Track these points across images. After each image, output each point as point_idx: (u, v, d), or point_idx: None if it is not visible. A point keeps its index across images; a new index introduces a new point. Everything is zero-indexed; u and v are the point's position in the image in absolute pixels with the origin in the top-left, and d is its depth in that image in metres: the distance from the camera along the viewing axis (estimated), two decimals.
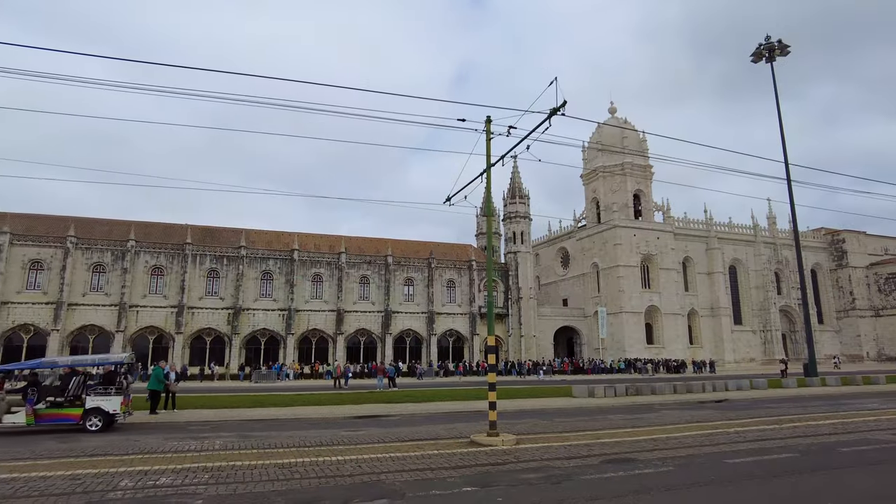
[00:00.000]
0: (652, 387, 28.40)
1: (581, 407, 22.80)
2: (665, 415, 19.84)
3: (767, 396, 27.34)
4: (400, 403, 23.53)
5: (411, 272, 73.01)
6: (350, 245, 73.64)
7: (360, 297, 70.56)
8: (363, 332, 69.72)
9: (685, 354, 74.98)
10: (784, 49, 43.35)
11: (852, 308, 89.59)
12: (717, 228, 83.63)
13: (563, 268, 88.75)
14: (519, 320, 75.00)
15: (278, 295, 67.33)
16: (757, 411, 20.84)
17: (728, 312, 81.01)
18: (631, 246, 76.44)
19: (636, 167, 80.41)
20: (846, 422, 17.45)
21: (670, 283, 77.66)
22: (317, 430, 16.16)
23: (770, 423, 16.80)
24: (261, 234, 73.48)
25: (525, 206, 79.45)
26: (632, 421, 17.88)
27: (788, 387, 32.13)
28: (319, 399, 25.21)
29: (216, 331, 64.02)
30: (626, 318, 74.16)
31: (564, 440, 13.58)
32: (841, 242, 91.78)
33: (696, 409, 21.79)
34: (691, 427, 15.98)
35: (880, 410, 21.03)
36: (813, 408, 22.15)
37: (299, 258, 68.58)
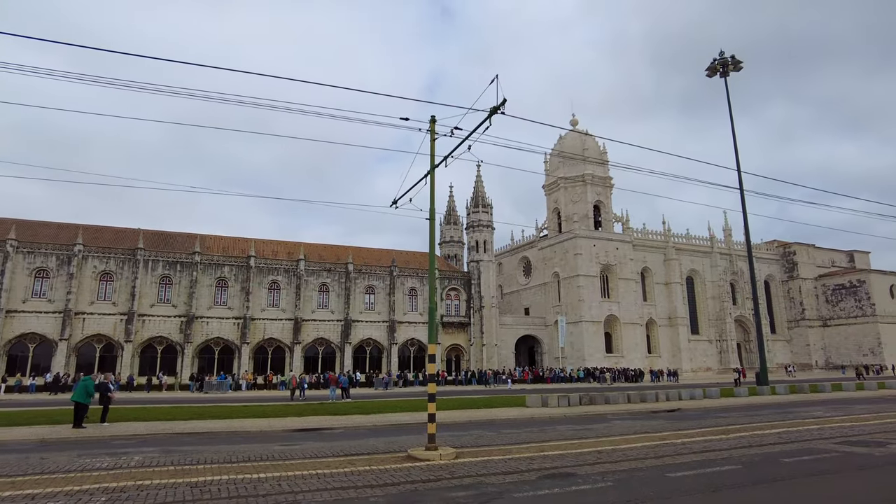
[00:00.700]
0: (606, 396, 28.24)
1: (533, 417, 22.37)
2: (615, 425, 19.56)
3: (719, 406, 27.47)
4: (347, 415, 22.66)
5: (372, 280, 71.92)
6: (309, 252, 72.17)
7: (318, 306, 69.08)
8: (322, 342, 68.21)
9: (644, 363, 75.86)
10: (737, 64, 44.41)
11: (802, 318, 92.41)
12: (674, 240, 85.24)
13: (525, 277, 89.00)
14: (481, 329, 74.67)
15: (233, 303, 65.36)
16: (707, 421, 20.78)
17: (685, 322, 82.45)
18: (591, 256, 77.16)
19: (597, 178, 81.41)
20: (791, 430, 17.46)
21: (629, 292, 78.64)
22: (249, 444, 15.25)
23: (717, 434, 16.64)
24: (216, 240, 71.41)
25: (488, 215, 79.49)
26: (580, 432, 17.51)
27: (740, 395, 32.48)
28: (264, 411, 24.13)
29: (168, 339, 61.67)
30: (585, 327, 74.66)
31: (507, 453, 13.05)
32: (792, 255, 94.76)
33: (647, 420, 21.61)
34: (639, 438, 15.68)
35: (824, 418, 21.23)
36: (761, 417, 22.24)
37: (256, 265, 66.80)
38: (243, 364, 63.25)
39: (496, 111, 12.83)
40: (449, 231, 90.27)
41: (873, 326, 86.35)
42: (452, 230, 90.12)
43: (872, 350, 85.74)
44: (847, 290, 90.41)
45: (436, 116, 14.45)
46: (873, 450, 13.85)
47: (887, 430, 17.39)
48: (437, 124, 14.43)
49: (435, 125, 14.42)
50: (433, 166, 14.71)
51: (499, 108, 12.72)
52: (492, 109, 12.83)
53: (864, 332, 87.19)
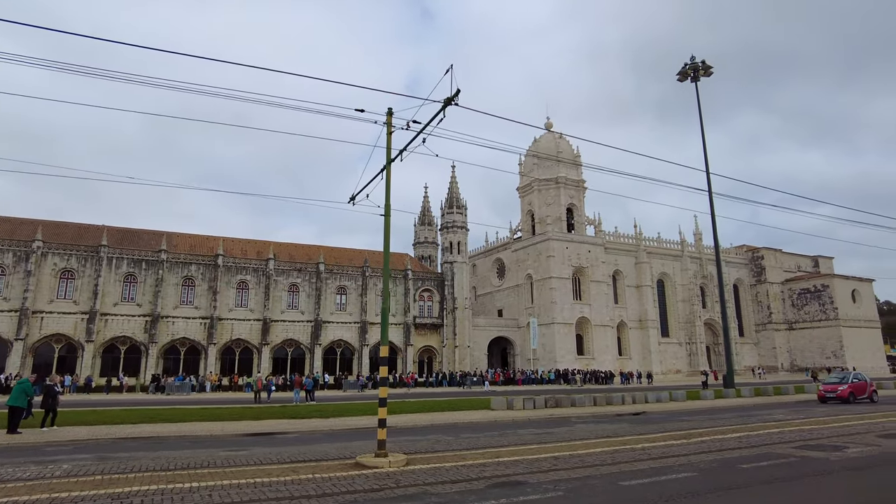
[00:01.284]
0: (572, 399, 28.01)
1: (496, 421, 21.99)
2: (578, 429, 19.28)
3: (684, 409, 27.46)
4: (305, 419, 21.98)
5: (344, 281, 71.00)
6: (280, 251, 70.92)
7: (288, 306, 67.91)
8: (291, 343, 67.05)
9: (614, 366, 76.31)
10: (707, 70, 44.73)
11: (769, 322, 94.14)
12: (645, 243, 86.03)
13: (498, 278, 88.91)
14: (454, 330, 74.25)
15: (200, 302, 63.85)
16: (670, 424, 20.64)
17: (656, 325, 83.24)
18: (563, 258, 77.38)
19: (570, 181, 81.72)
20: (752, 434, 17.36)
21: (601, 295, 79.06)
22: (195, 449, 14.53)
23: (679, 438, 16.44)
24: (184, 238, 69.75)
25: (462, 216, 79.15)
26: (541, 436, 17.16)
27: (706, 398, 32.61)
28: (220, 414, 23.29)
29: (132, 339, 59.95)
30: (557, 328, 74.78)
31: (460, 459, 12.59)
32: (760, 259, 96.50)
33: (610, 423, 21.40)
34: (599, 443, 15.38)
35: (785, 421, 21.28)
36: (724, 420, 22.22)
37: (224, 264, 65.39)
38: (210, 365, 61.81)
39: (450, 102, 12.39)
40: (423, 232, 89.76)
41: (836, 330, 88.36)
42: (427, 231, 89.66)
43: (835, 353, 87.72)
44: (812, 295, 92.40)
45: (393, 109, 13.95)
46: (829, 454, 13.75)
47: (844, 434, 17.41)
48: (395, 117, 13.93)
49: (392, 118, 13.91)
50: (389, 160, 14.20)
51: (453, 98, 12.29)
52: (446, 101, 12.39)
53: (828, 335, 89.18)
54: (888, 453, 14.10)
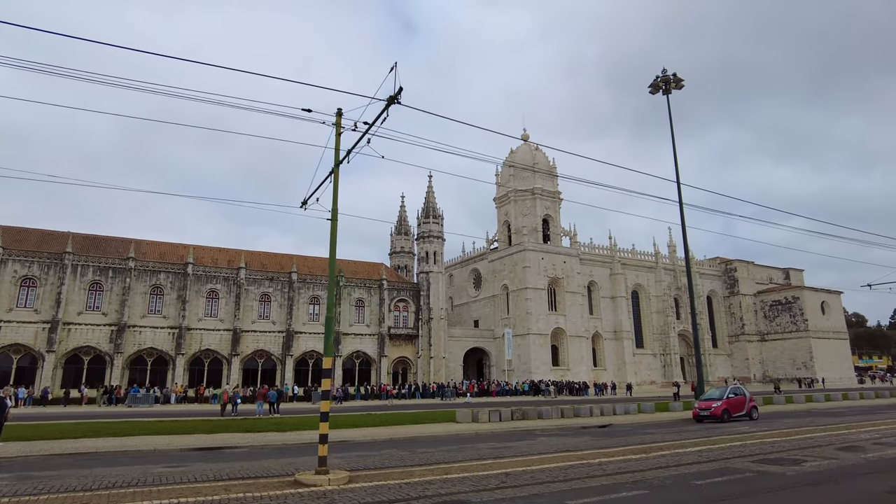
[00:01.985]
0: (539, 411, 27.59)
1: (458, 434, 21.46)
2: (539, 443, 18.85)
3: (651, 421, 27.22)
4: (261, 432, 21.21)
5: (317, 290, 69.99)
6: (252, 260, 69.72)
7: (259, 316, 66.66)
8: (262, 354, 65.75)
9: (589, 377, 76.25)
10: (679, 82, 45.04)
11: (742, 333, 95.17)
12: (620, 254, 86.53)
13: (475, 289, 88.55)
14: (429, 341, 73.54)
15: (169, 311, 62.34)
16: (633, 438, 20.33)
17: (630, 336, 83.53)
18: (539, 269, 77.36)
19: (546, 192, 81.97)
20: (713, 448, 17.11)
21: (576, 306, 79.14)
22: (130, 466, 13.76)
23: (638, 453, 16.09)
24: (153, 246, 68.20)
25: (439, 226, 78.69)
26: (499, 451, 16.68)
27: (675, 410, 32.44)
28: (172, 427, 22.37)
29: (96, 349, 58.19)
30: (532, 339, 74.55)
31: (407, 476, 12.05)
32: (733, 271, 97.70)
33: (573, 436, 21.02)
34: (556, 458, 14.96)
35: (749, 434, 21.12)
36: (689, 433, 21.99)
37: (194, 272, 64.06)
38: (178, 376, 60.28)
39: (393, 101, 12.01)
40: (399, 241, 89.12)
41: (806, 341, 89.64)
42: (403, 240, 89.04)
43: (805, 364, 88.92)
44: (783, 306, 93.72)
45: (342, 109, 13.49)
46: (787, 468, 13.52)
47: (804, 447, 17.25)
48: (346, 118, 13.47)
49: (341, 118, 13.45)
50: (337, 162, 13.72)
51: (396, 97, 11.92)
52: (389, 99, 12.00)
53: (798, 346, 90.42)
54: (846, 466, 13.93)
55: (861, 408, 35.81)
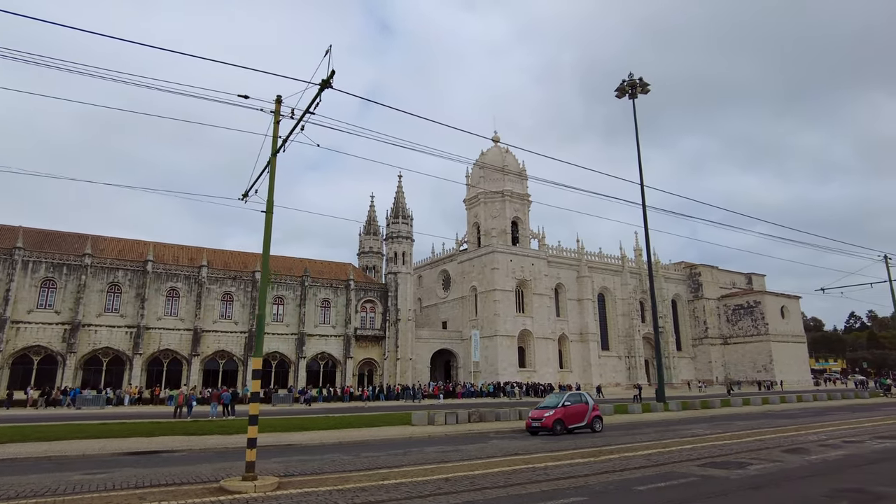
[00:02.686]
0: (497, 413, 27.31)
1: (411, 437, 21.01)
2: (491, 446, 18.54)
3: (608, 423, 27.11)
4: (205, 435, 20.42)
5: (282, 290, 68.70)
6: (214, 258, 68.12)
7: (221, 316, 65.12)
8: (223, 354, 64.23)
9: (555, 378, 76.55)
10: (644, 87, 45.45)
11: (706, 336, 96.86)
12: (587, 257, 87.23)
13: (444, 290, 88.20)
14: (396, 343, 72.82)
15: (127, 310, 60.42)
16: (585, 440, 20.18)
17: (596, 338, 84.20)
18: (507, 271, 77.42)
19: (515, 194, 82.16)
20: (663, 452, 17.02)
21: (543, 308, 79.42)
22: (47, 473, 12.96)
23: (587, 457, 15.89)
24: (111, 242, 66.10)
25: (408, 226, 78.02)
26: (447, 454, 16.30)
27: (633, 413, 32.55)
28: (111, 430, 21.39)
29: (47, 349, 55.99)
30: (500, 341, 74.50)
31: (342, 483, 11.57)
32: (698, 276, 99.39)
33: (526, 439, 20.78)
34: (503, 462, 14.63)
35: (702, 436, 21.17)
36: (643, 435, 21.95)
37: (154, 270, 62.24)
38: (135, 377, 58.42)
39: (326, 85, 11.53)
40: (368, 241, 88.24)
41: (766, 345, 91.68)
42: (372, 241, 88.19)
43: (765, 367, 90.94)
44: (745, 311, 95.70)
45: (282, 97, 12.93)
46: (731, 472, 13.45)
47: (753, 450, 17.31)
48: (287, 105, 12.91)
49: (281, 105, 12.87)
50: (275, 151, 13.14)
51: (328, 80, 11.46)
52: (322, 83, 11.53)
53: (759, 349, 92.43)
54: (789, 469, 13.93)
55: (813, 409, 36.55)
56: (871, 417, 29.88)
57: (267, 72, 12.34)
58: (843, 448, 17.81)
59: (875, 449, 17.63)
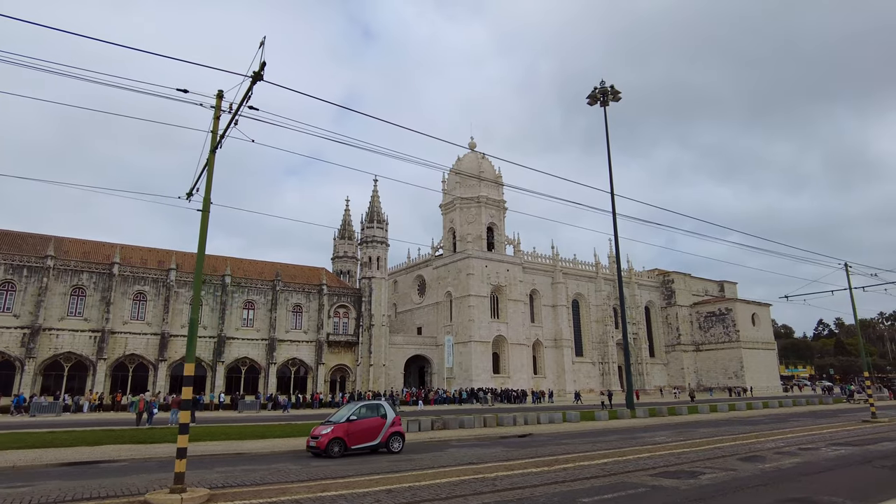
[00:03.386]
0: (461, 420, 26.97)
1: None
2: (447, 454, 18.19)
3: (573, 430, 27.01)
4: (154, 444, 19.70)
5: (253, 294, 67.55)
6: (184, 262, 66.67)
7: None
8: None
9: (530, 384, 76.51)
10: (616, 95, 45.89)
11: (678, 343, 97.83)
12: (562, 264, 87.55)
13: (419, 296, 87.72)
14: (369, 349, 72.02)
15: (91, 314, 58.80)
16: (545, 449, 19.93)
17: (570, 344, 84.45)
18: (482, 276, 77.29)
19: (491, 200, 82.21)
20: (619, 460, 16.85)
21: (517, 314, 79.42)
22: None
23: (541, 466, 15.64)
24: (76, 244, 64.34)
25: (383, 230, 77.37)
26: (398, 464, 15.91)
27: (600, 419, 32.45)
28: (51, 440, 20.49)
29: (5, 354, 54.25)
30: (474, 347, 74.22)
31: (279, 494, 11.13)
32: (671, 283, 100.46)
33: (487, 447, 20.48)
34: (452, 472, 14.28)
35: (662, 444, 21.07)
36: (603, 443, 21.79)
37: (120, 273, 60.70)
38: (98, 383, 56.81)
39: (258, 78, 11.15)
40: (343, 246, 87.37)
41: (737, 351, 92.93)
42: (347, 245, 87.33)
43: (736, 373, 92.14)
44: (717, 318, 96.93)
45: (223, 91, 12.48)
46: (682, 482, 13.28)
47: (709, 458, 17.22)
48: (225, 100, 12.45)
49: (222, 101, 12.43)
50: (214, 147, 12.64)
51: (260, 73, 11.07)
52: (254, 75, 11.14)
53: (730, 356, 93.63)
54: (741, 478, 13.83)
55: (777, 416, 36.91)
56: (831, 424, 30.22)
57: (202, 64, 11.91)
58: (798, 455, 17.84)
59: (828, 457, 17.69)
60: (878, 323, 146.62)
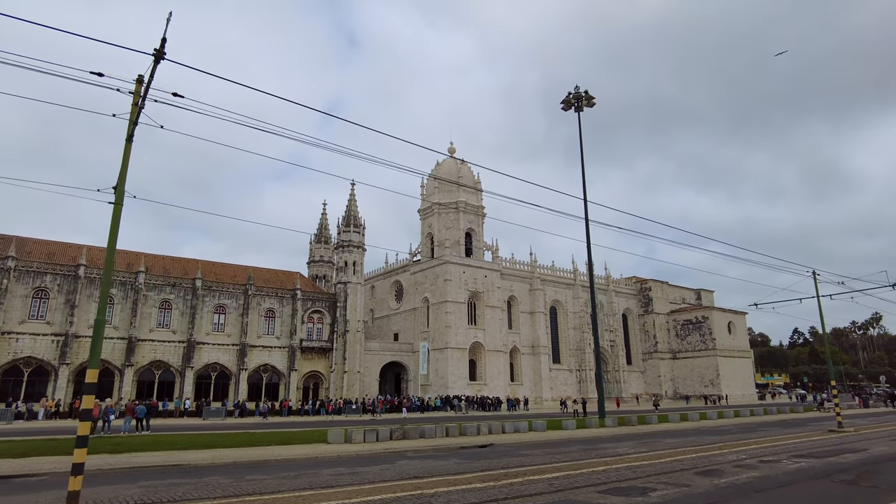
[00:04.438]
0: (422, 430, 26.19)
1: (317, 457, 19.65)
2: (396, 467, 17.41)
3: (536, 440, 26.36)
4: (91, 455, 18.54)
5: (224, 299, 66.15)
6: (153, 264, 65.24)
7: (158, 325, 62.23)
8: (160, 365, 61.32)
9: (506, 391, 75.87)
10: (590, 100, 45.70)
11: (655, 350, 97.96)
12: (540, 271, 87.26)
13: (396, 301, 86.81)
14: (344, 355, 70.79)
15: (54, 317, 57.10)
16: (501, 461, 19.25)
17: (547, 351, 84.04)
18: (460, 282, 76.66)
19: (469, 206, 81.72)
20: (572, 474, 16.22)
21: (495, 320, 78.87)
22: None
23: (489, 480, 14.96)
24: (40, 245, 62.53)
25: (360, 235, 76.31)
26: (339, 478, 15.10)
27: (567, 429, 31.83)
28: None
29: None
30: (451, 353, 73.46)
31: None
32: (648, 290, 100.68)
33: (441, 458, 19.74)
34: (389, 488, 13.53)
35: (622, 456, 20.50)
36: (562, 455, 21.17)
37: (87, 275, 59.06)
38: (60, 388, 55.04)
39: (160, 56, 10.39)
40: (319, 250, 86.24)
41: (714, 359, 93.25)
42: (323, 249, 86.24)
43: (712, 381, 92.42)
44: (693, 326, 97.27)
45: (143, 76, 11.66)
46: (630, 500, 12.69)
47: (666, 472, 16.68)
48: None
49: (141, 86, 11.61)
50: (130, 135, 11.77)
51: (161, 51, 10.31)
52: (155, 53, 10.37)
53: (706, 364, 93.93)
54: (693, 495, 13.27)
55: (746, 425, 36.65)
56: (797, 434, 29.97)
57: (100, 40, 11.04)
58: (756, 469, 17.37)
59: (787, 470, 17.24)
60: (851, 332, 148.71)
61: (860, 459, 19.72)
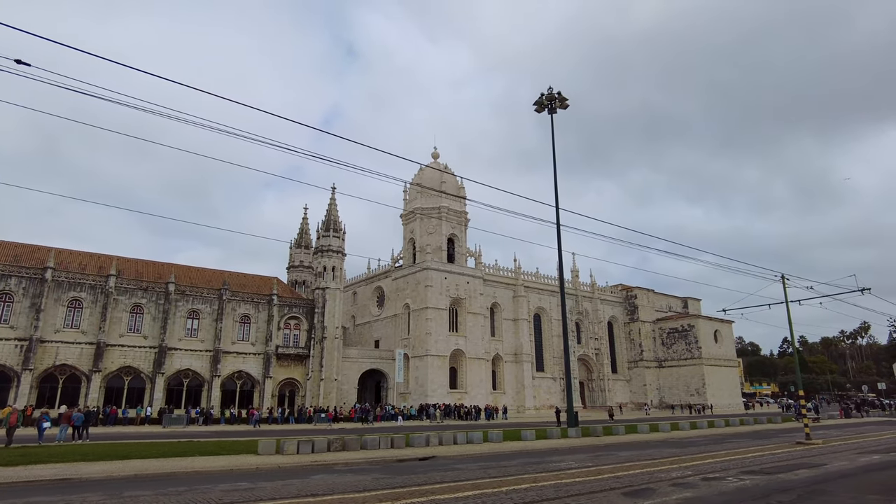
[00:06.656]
0: (363, 440, 24.95)
1: (232, 470, 18.41)
2: (306, 483, 16.18)
3: (483, 453, 25.08)
4: (8, 467, 17.31)
5: (198, 303, 64.85)
6: (126, 267, 64.05)
7: (129, 329, 60.91)
8: (129, 371, 59.91)
9: (488, 400, 74.55)
10: (563, 102, 44.84)
11: (641, 359, 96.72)
12: (524, 277, 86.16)
13: (378, 307, 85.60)
14: (321, 362, 69.43)
15: (18, 321, 55.75)
16: (428, 475, 18.08)
17: (531, 359, 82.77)
18: (442, 288, 75.50)
19: (452, 212, 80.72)
20: (489, 492, 15.03)
21: (477, 327, 77.65)
22: None
23: (388, 499, 13.75)
24: (6, 247, 61.33)
25: (340, 240, 75.21)
26: (227, 495, 13.89)
27: (526, 439, 30.59)
28: None
29: None
30: (431, 361, 72.19)
31: None
32: (634, 298, 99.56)
33: (364, 473, 18.50)
34: None
35: (560, 472, 19.30)
36: (498, 469, 19.93)
37: (54, 278, 57.74)
38: (22, 395, 53.60)
39: None
40: (299, 255, 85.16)
41: (699, 368, 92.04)
42: (303, 254, 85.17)
43: (698, 390, 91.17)
44: (679, 334, 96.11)
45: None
46: None
47: (593, 491, 15.50)
48: None
49: None
50: None
51: None
52: None
53: (692, 373, 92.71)
54: None
55: (715, 436, 35.47)
56: (763, 446, 28.84)
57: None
58: (695, 488, 16.18)
59: (726, 489, 16.03)
60: (840, 341, 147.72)
61: (811, 477, 18.57)
